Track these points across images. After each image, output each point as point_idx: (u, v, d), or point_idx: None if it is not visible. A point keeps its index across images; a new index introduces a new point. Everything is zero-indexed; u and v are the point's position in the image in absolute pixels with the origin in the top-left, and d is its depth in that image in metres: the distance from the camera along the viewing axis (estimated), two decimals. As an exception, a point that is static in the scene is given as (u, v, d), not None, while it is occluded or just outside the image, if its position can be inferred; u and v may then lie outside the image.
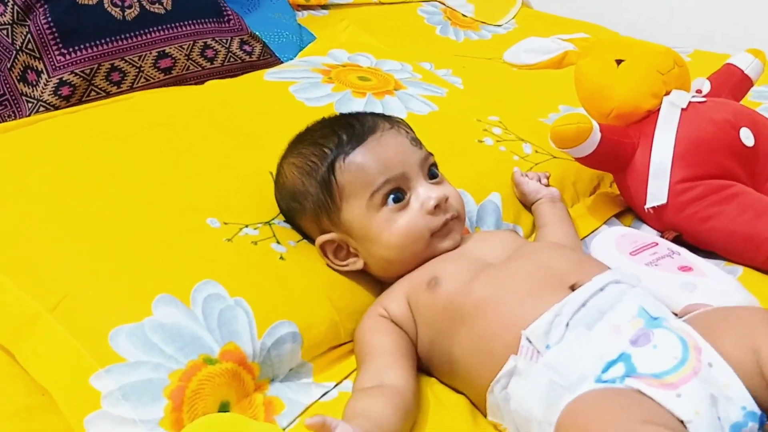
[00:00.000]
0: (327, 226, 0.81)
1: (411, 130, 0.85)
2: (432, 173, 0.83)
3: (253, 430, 0.64)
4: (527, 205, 0.99)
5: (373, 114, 0.87)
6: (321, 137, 0.83)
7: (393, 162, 0.80)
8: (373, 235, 0.79)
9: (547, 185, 1.00)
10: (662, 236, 0.98)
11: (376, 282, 0.84)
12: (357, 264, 0.81)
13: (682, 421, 0.59)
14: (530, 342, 0.67)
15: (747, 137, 0.98)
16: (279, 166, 0.86)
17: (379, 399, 0.68)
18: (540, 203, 0.97)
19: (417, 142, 0.84)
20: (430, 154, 0.84)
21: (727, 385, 0.62)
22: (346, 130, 0.82)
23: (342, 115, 0.89)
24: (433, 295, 0.75)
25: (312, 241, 0.83)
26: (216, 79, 1.20)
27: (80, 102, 1.13)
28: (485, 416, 0.72)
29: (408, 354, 0.75)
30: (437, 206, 0.79)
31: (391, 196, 0.79)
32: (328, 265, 0.82)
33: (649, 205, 0.97)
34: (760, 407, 0.62)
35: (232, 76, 1.19)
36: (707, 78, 1.11)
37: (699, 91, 1.08)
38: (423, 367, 0.77)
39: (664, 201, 0.96)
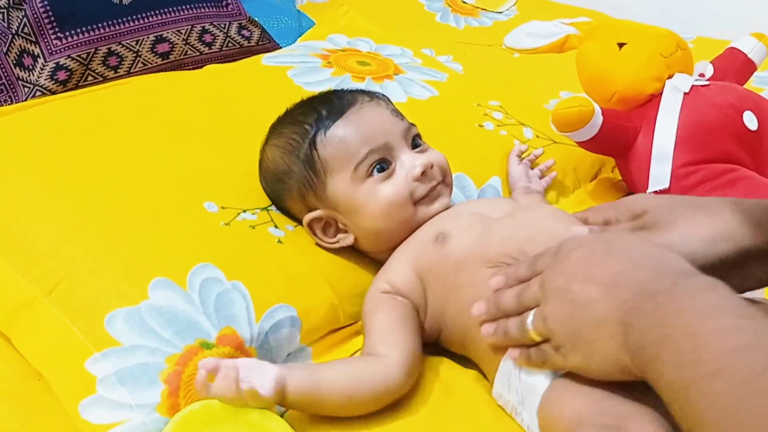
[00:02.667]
0: (313, 204, 0.80)
1: (391, 102, 0.84)
2: (416, 143, 0.81)
3: (244, 415, 0.63)
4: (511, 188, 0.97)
5: (351, 89, 0.86)
6: (300, 115, 0.82)
7: (375, 133, 0.78)
8: (360, 206, 0.78)
9: (542, 176, 0.99)
10: (664, 221, 0.98)
11: (376, 264, 0.82)
12: (347, 240, 0.80)
13: None
14: None
15: (750, 121, 0.97)
16: (261, 151, 0.85)
17: (340, 361, 0.68)
18: (515, 193, 0.95)
19: (398, 114, 0.83)
20: (413, 125, 0.82)
21: None
22: (325, 105, 0.81)
23: (320, 93, 0.88)
24: (443, 250, 0.73)
25: (305, 224, 0.82)
26: (214, 64, 1.19)
27: (77, 86, 1.12)
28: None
29: (407, 322, 0.72)
30: (423, 173, 0.78)
31: (376, 167, 0.78)
32: (317, 244, 0.81)
33: (651, 189, 0.96)
34: None
35: (230, 62, 1.18)
36: (710, 62, 1.10)
37: (702, 75, 1.07)
38: (431, 336, 0.75)
39: (666, 185, 0.95)
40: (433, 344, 0.76)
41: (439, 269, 0.73)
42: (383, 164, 0.78)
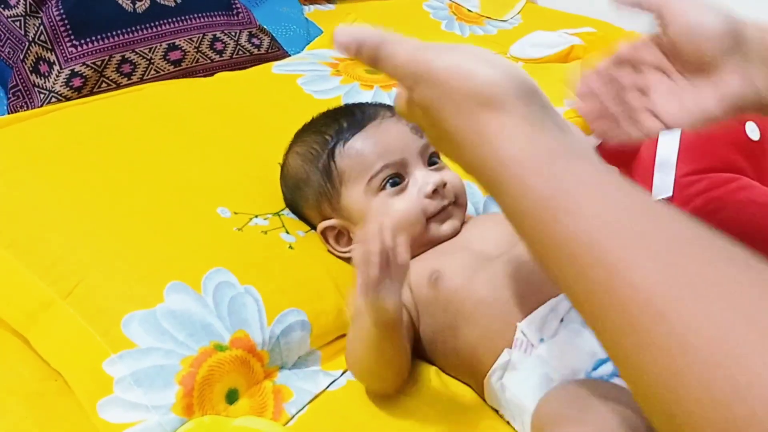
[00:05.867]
0: (328, 213, 0.82)
1: None
2: (432, 161, 0.83)
3: (230, 428, 0.64)
4: None
5: (375, 103, 0.88)
6: (323, 125, 0.84)
7: (392, 148, 0.80)
8: (372, 219, 0.79)
9: None
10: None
11: (384, 272, 0.84)
12: None
13: None
14: (524, 335, 0.68)
15: (753, 131, 0.99)
16: (284, 157, 0.87)
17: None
18: None
19: (418, 131, 0.84)
20: None
21: None
22: (347, 117, 0.83)
23: (346, 105, 0.91)
24: (435, 290, 0.75)
25: (319, 231, 0.84)
26: (225, 71, 1.21)
27: (91, 93, 1.13)
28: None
29: (408, 329, 0.75)
30: (435, 191, 0.80)
31: (389, 181, 0.80)
32: (329, 251, 0.83)
33: (655, 198, 0.98)
34: None
35: (240, 69, 1.20)
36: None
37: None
38: (427, 357, 0.77)
39: (669, 194, 0.96)
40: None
41: (432, 308, 0.76)
42: (396, 179, 0.80)
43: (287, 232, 0.83)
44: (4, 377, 0.73)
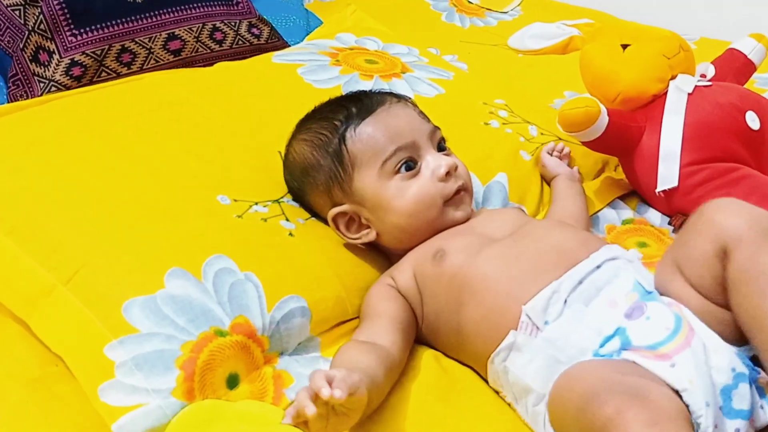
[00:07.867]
0: (339, 198, 0.82)
1: (417, 105, 0.87)
2: (440, 146, 0.84)
3: (231, 412, 0.65)
4: (547, 180, 1.01)
5: (379, 91, 0.89)
6: (330, 112, 0.84)
7: (403, 131, 0.81)
8: (386, 203, 0.80)
9: (568, 164, 1.03)
10: (671, 221, 0.99)
11: (384, 259, 0.85)
12: (370, 235, 0.82)
13: (677, 391, 0.60)
14: (529, 318, 0.69)
15: (753, 120, 0.99)
16: (288, 146, 0.87)
17: (369, 352, 0.69)
18: (558, 179, 0.99)
19: (424, 116, 0.85)
20: (438, 128, 0.85)
21: (715, 350, 0.64)
22: (355, 103, 0.84)
23: (350, 92, 0.91)
24: (439, 267, 0.76)
25: (322, 219, 0.84)
26: (224, 61, 1.21)
27: (91, 82, 1.14)
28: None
29: (406, 325, 0.76)
30: (448, 173, 0.81)
31: (404, 165, 0.80)
32: (345, 241, 0.83)
33: (660, 188, 0.97)
34: (750, 360, 0.64)
35: (240, 59, 1.20)
36: (711, 63, 1.11)
37: (703, 76, 1.08)
38: (429, 342, 0.78)
39: (675, 184, 0.96)
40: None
41: (436, 286, 0.76)
42: (410, 163, 0.80)
43: (287, 220, 0.84)
44: (6, 363, 0.73)
